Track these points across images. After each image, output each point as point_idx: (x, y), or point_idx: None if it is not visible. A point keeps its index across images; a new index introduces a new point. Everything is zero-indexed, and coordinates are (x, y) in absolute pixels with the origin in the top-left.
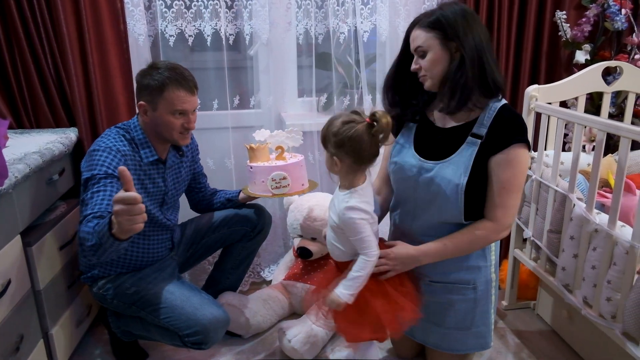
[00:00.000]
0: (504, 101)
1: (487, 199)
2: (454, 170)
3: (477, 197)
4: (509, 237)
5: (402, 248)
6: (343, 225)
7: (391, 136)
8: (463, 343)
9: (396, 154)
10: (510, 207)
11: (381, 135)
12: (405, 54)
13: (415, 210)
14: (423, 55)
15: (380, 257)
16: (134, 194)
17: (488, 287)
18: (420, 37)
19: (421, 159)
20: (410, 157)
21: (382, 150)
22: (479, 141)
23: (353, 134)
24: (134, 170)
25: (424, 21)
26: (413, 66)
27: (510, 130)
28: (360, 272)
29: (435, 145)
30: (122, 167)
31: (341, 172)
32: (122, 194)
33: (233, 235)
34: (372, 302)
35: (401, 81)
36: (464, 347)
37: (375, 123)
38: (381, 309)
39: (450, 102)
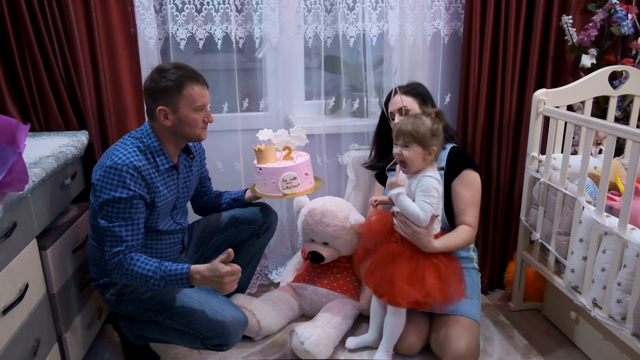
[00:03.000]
0: (453, 144)
1: (458, 213)
2: None
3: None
4: (516, 239)
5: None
6: (420, 184)
7: None
8: (470, 309)
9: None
10: (476, 217)
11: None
12: (383, 118)
13: None
14: (406, 113)
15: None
16: (238, 268)
17: (478, 276)
18: (405, 100)
19: None
20: None
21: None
22: (442, 172)
23: (437, 124)
24: (151, 182)
25: (407, 90)
26: (397, 121)
27: (461, 161)
28: (414, 211)
29: None
30: (230, 250)
31: (430, 158)
32: (229, 269)
33: (241, 234)
34: (426, 271)
35: (383, 138)
36: (471, 313)
37: (438, 116)
38: (432, 279)
39: None
